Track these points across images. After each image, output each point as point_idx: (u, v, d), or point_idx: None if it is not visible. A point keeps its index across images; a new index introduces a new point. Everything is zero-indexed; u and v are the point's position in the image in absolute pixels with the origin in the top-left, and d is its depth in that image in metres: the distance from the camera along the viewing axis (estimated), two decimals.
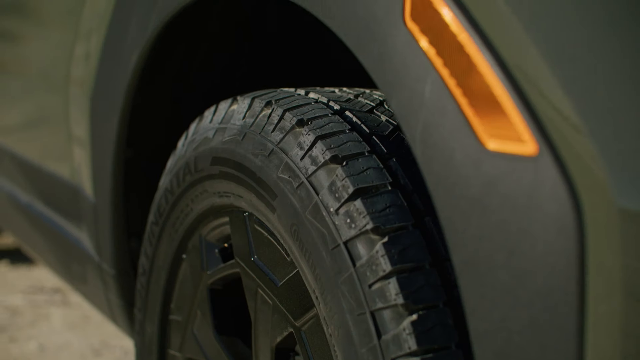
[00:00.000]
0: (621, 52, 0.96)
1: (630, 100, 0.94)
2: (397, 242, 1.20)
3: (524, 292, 0.98)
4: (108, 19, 1.88)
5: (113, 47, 1.84)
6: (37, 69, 2.32)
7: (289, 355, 1.48)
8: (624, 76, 0.94)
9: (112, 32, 1.85)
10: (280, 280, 1.41)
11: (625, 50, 0.96)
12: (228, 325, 1.64)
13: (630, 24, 0.96)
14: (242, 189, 1.44)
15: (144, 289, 1.79)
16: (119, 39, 1.83)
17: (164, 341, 1.78)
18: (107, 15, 1.88)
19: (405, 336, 1.16)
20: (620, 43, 0.96)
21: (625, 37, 0.96)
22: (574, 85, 0.95)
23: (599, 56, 0.96)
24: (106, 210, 1.97)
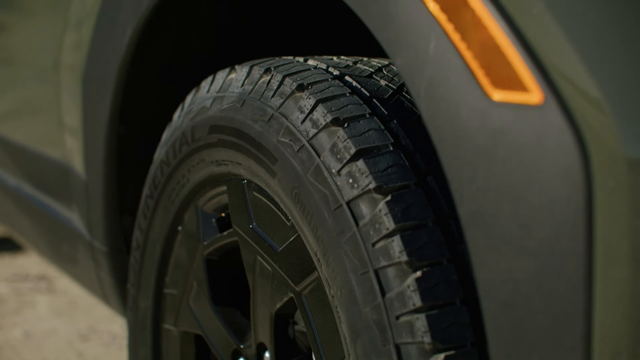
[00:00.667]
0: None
1: (639, 46, 0.95)
2: (400, 201, 1.21)
3: (531, 241, 0.99)
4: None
5: (107, 21, 1.84)
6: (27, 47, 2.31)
7: (288, 322, 1.48)
8: (630, 22, 0.96)
9: (106, 6, 1.85)
10: (279, 245, 1.41)
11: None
12: (225, 296, 1.64)
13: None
14: (241, 155, 1.45)
15: (138, 264, 1.79)
16: (113, 14, 1.83)
17: (158, 316, 1.78)
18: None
19: (410, 293, 1.16)
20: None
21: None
22: (579, 33, 0.96)
23: (602, 2, 0.97)
24: (98, 187, 1.97)
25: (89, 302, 3.27)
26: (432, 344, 1.14)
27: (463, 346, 1.16)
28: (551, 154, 0.97)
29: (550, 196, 0.97)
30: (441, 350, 1.15)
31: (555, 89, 0.97)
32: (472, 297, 1.18)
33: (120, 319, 3.13)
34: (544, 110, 0.97)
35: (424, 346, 1.15)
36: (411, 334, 1.16)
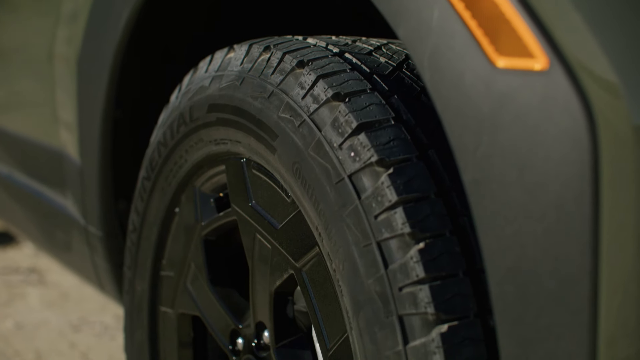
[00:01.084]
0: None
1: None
2: (402, 174, 1.21)
3: (536, 205, 0.99)
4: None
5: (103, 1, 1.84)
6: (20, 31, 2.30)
7: (287, 301, 1.48)
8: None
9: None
10: (279, 222, 1.41)
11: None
12: (223, 277, 1.64)
13: None
14: (241, 133, 1.44)
15: (134, 246, 1.79)
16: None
17: (154, 298, 1.78)
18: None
19: (413, 264, 1.17)
20: None
21: None
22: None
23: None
24: (93, 172, 1.97)
25: (80, 294, 3.26)
26: (436, 314, 1.15)
27: (466, 317, 1.16)
28: (557, 119, 0.97)
29: (556, 161, 0.97)
30: (444, 320, 1.15)
31: (561, 54, 0.97)
32: (474, 269, 1.18)
33: (112, 310, 3.13)
34: (549, 76, 0.98)
35: (427, 317, 1.15)
36: (414, 305, 1.16)
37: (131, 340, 1.83)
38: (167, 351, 1.77)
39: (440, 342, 1.14)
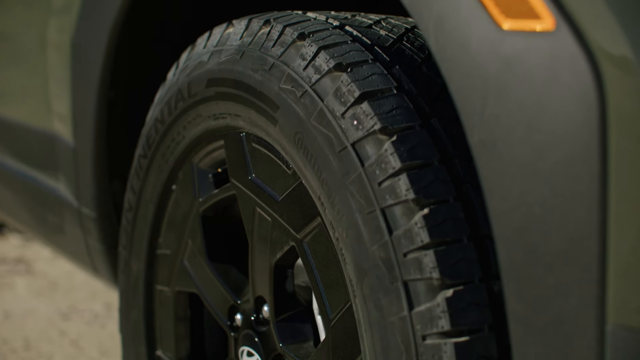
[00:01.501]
0: None
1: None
2: (406, 141, 1.22)
3: (544, 164, 1.00)
4: None
5: None
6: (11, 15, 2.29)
7: (287, 274, 1.48)
8: None
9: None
10: (280, 195, 1.41)
11: None
12: (220, 253, 1.64)
13: None
14: (241, 106, 1.45)
15: (130, 225, 1.79)
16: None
17: (150, 277, 1.77)
18: None
19: (417, 230, 1.17)
20: None
21: None
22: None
23: None
24: (87, 152, 1.96)
25: (69, 283, 3.25)
26: (441, 279, 1.15)
27: (471, 282, 1.16)
28: (565, 79, 0.98)
29: (564, 120, 0.98)
30: (449, 285, 1.15)
31: (567, 15, 0.98)
32: (478, 235, 1.19)
33: (102, 298, 3.12)
34: (556, 37, 0.98)
35: (432, 282, 1.16)
36: (419, 270, 1.16)
37: (126, 320, 1.83)
38: (163, 330, 1.76)
39: (445, 307, 1.15)
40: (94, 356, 2.70)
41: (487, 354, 1.15)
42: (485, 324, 1.16)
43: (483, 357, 1.15)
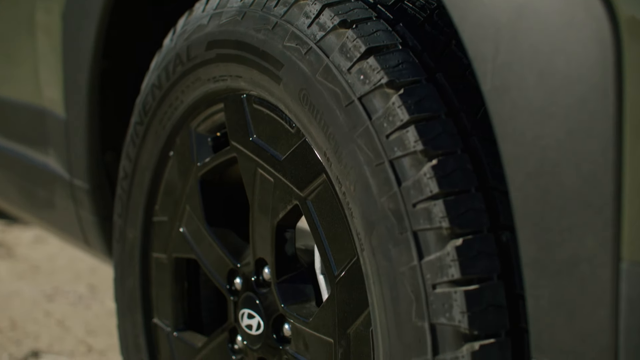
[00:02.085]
0: None
1: None
2: (413, 94, 1.22)
3: (558, 108, 1.01)
4: None
5: None
6: None
7: (289, 234, 1.49)
8: None
9: None
10: (283, 154, 1.42)
11: None
12: (219, 217, 1.65)
13: None
14: (243, 67, 1.45)
15: (126, 194, 1.78)
16: None
17: (147, 245, 1.77)
18: None
19: (426, 180, 1.18)
20: None
21: None
22: None
23: None
24: (80, 124, 1.96)
25: (51, 266, 3.24)
26: (450, 228, 1.16)
27: (480, 231, 1.18)
28: (579, 22, 0.99)
29: (579, 62, 0.99)
30: (459, 235, 1.16)
31: None
32: (486, 186, 1.20)
33: (86, 280, 3.11)
34: None
35: (442, 231, 1.17)
36: (429, 220, 1.17)
37: (122, 289, 1.83)
38: (159, 297, 1.76)
39: (455, 256, 1.16)
40: (81, 335, 2.69)
41: (497, 302, 1.16)
42: (494, 273, 1.17)
43: (492, 306, 1.16)
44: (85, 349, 2.61)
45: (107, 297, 2.98)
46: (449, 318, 1.16)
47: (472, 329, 1.15)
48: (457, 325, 1.15)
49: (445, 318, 1.16)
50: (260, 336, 1.53)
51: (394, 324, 1.21)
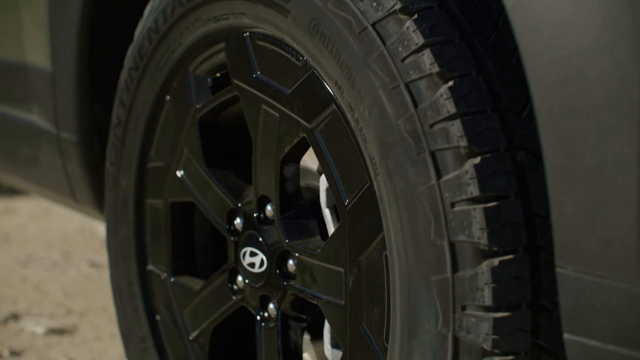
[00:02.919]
0: None
1: None
2: (426, 19, 1.24)
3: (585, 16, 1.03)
4: None
5: None
6: None
7: (292, 169, 1.49)
8: None
9: None
10: (289, 88, 1.43)
11: None
12: (218, 159, 1.65)
13: None
14: (247, 4, 1.45)
15: (119, 141, 1.78)
16: None
17: (141, 192, 1.77)
18: None
19: (443, 101, 1.20)
20: None
21: None
22: None
23: None
24: (68, 76, 1.94)
25: (22, 235, 3.22)
26: (468, 147, 1.18)
27: (497, 150, 1.20)
28: None
29: None
30: (477, 153, 1.18)
31: None
32: (501, 107, 1.22)
33: (59, 248, 3.09)
34: None
35: (460, 150, 1.18)
36: (446, 140, 1.19)
37: (115, 238, 1.83)
38: (154, 244, 1.76)
39: (474, 174, 1.18)
40: (59, 299, 2.68)
41: (514, 219, 1.18)
42: (511, 191, 1.19)
43: (510, 222, 1.18)
44: (65, 311, 2.60)
45: (82, 262, 2.96)
46: (468, 235, 1.18)
47: (491, 245, 1.17)
48: (477, 242, 1.17)
49: (465, 235, 1.18)
50: (263, 273, 1.54)
51: (411, 245, 1.22)
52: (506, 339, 1.18)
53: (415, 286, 1.22)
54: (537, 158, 1.21)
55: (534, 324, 1.20)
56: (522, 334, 1.19)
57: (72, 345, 2.40)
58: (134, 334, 1.81)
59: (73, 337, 2.44)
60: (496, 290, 1.17)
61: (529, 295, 1.19)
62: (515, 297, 1.18)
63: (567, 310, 1.09)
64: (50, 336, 2.43)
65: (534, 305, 1.20)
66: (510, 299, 1.18)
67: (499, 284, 1.17)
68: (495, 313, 1.17)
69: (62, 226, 3.32)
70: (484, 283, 1.17)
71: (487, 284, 1.17)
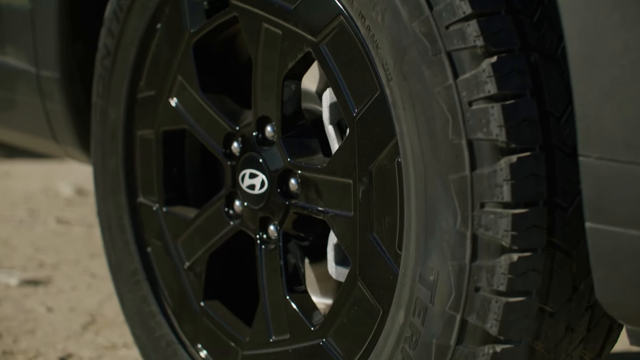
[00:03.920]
0: None
1: None
2: None
3: None
4: None
5: None
6: None
7: (294, 86, 1.49)
8: None
9: None
10: (292, 3, 1.42)
11: None
12: (213, 84, 1.64)
13: None
14: None
15: (108, 72, 1.76)
16: None
17: (130, 123, 1.76)
18: None
19: (459, 3, 1.20)
20: None
21: None
22: None
23: None
24: (49, 12, 1.92)
25: None
26: (485, 47, 1.19)
27: (512, 50, 1.21)
28: None
29: None
30: (493, 53, 1.19)
31: None
32: (513, 10, 1.23)
33: (23, 206, 3.06)
34: None
35: (477, 50, 1.19)
36: (463, 40, 1.20)
37: (103, 172, 1.81)
38: (144, 175, 1.75)
39: (491, 72, 1.19)
40: (29, 253, 2.65)
41: (531, 118, 1.20)
42: (527, 89, 1.20)
43: (527, 120, 1.20)
44: (37, 264, 2.57)
45: (49, 219, 2.93)
46: (487, 133, 1.19)
47: (509, 142, 1.18)
48: (495, 139, 1.19)
49: (483, 133, 1.19)
50: (264, 194, 1.54)
51: (428, 146, 1.23)
52: (524, 235, 1.19)
53: (433, 187, 1.23)
54: (550, 60, 1.23)
55: (549, 221, 1.22)
56: (539, 230, 1.20)
57: (48, 295, 2.37)
58: (124, 268, 1.80)
59: (48, 288, 2.41)
60: (515, 186, 1.18)
61: (545, 193, 1.21)
62: (532, 194, 1.20)
63: (590, 199, 1.11)
64: (25, 287, 2.40)
65: (549, 203, 1.22)
66: (527, 196, 1.19)
67: (517, 180, 1.19)
68: (513, 209, 1.19)
69: (24, 187, 3.28)
70: (503, 180, 1.18)
71: (506, 180, 1.18)
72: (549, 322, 1.25)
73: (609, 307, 1.15)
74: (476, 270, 1.21)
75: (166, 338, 1.73)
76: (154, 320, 1.75)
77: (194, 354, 1.69)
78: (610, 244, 1.11)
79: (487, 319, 1.22)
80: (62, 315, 2.25)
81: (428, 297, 1.25)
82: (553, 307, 1.25)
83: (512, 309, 1.21)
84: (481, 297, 1.21)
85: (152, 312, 1.76)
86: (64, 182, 3.32)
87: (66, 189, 3.25)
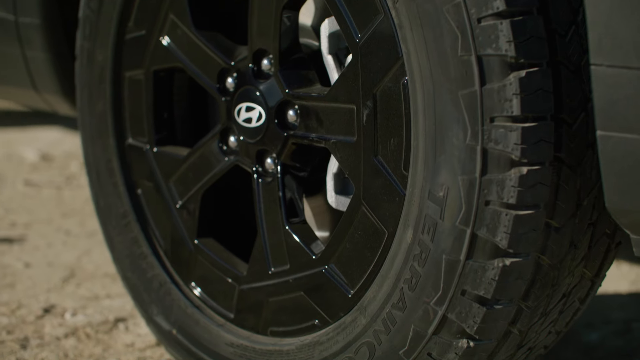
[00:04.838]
0: None
1: None
2: None
3: None
4: None
5: None
6: None
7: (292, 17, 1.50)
8: None
9: None
10: None
11: None
12: (206, 20, 1.64)
13: None
14: None
15: (95, 14, 1.75)
16: None
17: (118, 65, 1.75)
18: None
19: None
20: None
21: None
22: None
23: None
24: None
25: None
26: None
27: None
28: None
29: None
30: None
31: None
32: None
33: None
34: None
35: None
36: None
37: (90, 115, 1.80)
38: (133, 117, 1.75)
39: None
40: (0, 214, 2.63)
41: (538, 34, 1.22)
42: (534, 6, 1.22)
43: (534, 37, 1.22)
44: (8, 223, 2.55)
45: (17, 182, 2.91)
46: (496, 48, 1.21)
47: (518, 57, 1.21)
48: (504, 54, 1.21)
49: (492, 49, 1.21)
50: (261, 127, 1.55)
51: (437, 63, 1.25)
52: (533, 148, 1.22)
53: (442, 104, 1.25)
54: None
55: (556, 137, 1.24)
56: (547, 145, 1.23)
57: (24, 252, 2.35)
58: (113, 211, 1.79)
59: (23, 246, 2.40)
60: (524, 100, 1.21)
61: (553, 108, 1.23)
62: (540, 108, 1.22)
63: (601, 107, 1.14)
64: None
65: (556, 119, 1.24)
66: (536, 110, 1.22)
67: (526, 94, 1.21)
68: (523, 123, 1.21)
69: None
70: (512, 94, 1.21)
71: (516, 94, 1.21)
72: (555, 237, 1.28)
73: (618, 215, 1.18)
74: (486, 184, 1.23)
75: (159, 278, 1.74)
76: (146, 261, 1.75)
77: (188, 292, 1.70)
78: (621, 151, 1.14)
79: (497, 232, 1.24)
80: (40, 269, 2.24)
81: (438, 212, 1.28)
82: (559, 222, 1.27)
83: (521, 221, 1.23)
84: (491, 211, 1.24)
85: (143, 254, 1.76)
86: (28, 148, 3.28)
87: (30, 154, 3.21)
